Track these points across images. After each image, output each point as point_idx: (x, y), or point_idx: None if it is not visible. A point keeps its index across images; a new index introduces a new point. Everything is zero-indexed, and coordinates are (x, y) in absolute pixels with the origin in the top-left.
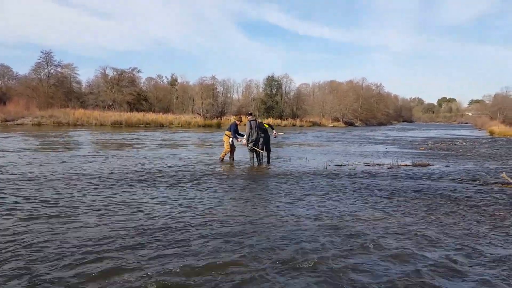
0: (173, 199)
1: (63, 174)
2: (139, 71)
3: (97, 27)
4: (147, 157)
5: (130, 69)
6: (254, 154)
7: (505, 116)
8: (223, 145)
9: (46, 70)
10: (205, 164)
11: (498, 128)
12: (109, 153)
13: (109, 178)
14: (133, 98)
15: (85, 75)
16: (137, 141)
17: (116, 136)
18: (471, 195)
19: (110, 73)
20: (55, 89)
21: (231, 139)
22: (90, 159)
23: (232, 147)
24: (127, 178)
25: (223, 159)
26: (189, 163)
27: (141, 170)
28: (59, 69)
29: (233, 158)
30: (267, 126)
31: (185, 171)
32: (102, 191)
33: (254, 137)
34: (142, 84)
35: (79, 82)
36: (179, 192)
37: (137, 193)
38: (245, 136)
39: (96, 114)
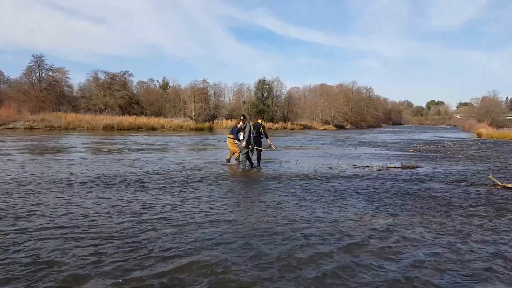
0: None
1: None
2: (130, 75)
3: (88, 32)
4: (142, 160)
5: (122, 73)
6: (247, 158)
7: (493, 119)
8: (228, 148)
9: (38, 74)
10: (194, 167)
11: (486, 130)
12: (108, 156)
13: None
14: (125, 102)
15: (77, 79)
16: (131, 144)
17: (109, 140)
18: (458, 196)
19: (102, 76)
20: (46, 93)
21: (237, 141)
22: (74, 162)
23: (236, 149)
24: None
25: (229, 160)
26: (188, 165)
27: (142, 172)
28: (50, 73)
29: (238, 159)
30: (261, 130)
31: (178, 173)
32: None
33: (251, 138)
34: (133, 88)
35: (70, 86)
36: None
37: (148, 196)
38: (244, 139)
39: (88, 118)
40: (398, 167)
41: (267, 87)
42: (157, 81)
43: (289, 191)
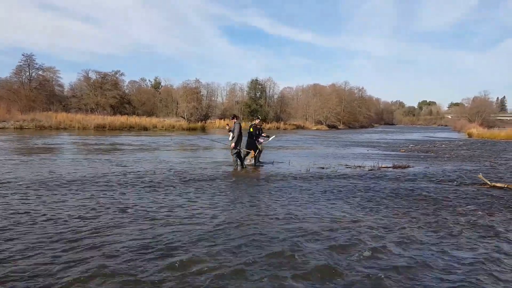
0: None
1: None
2: (122, 74)
3: (79, 31)
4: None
5: (113, 72)
6: (237, 157)
7: (483, 119)
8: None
9: (28, 73)
10: (183, 168)
11: (476, 130)
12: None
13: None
14: (116, 102)
15: (68, 79)
16: (122, 144)
17: (101, 140)
18: (448, 195)
19: (93, 76)
20: (37, 93)
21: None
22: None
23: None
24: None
25: (250, 160)
26: (176, 166)
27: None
28: (40, 72)
29: (258, 159)
30: (251, 130)
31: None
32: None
33: (238, 140)
34: (125, 88)
35: (61, 86)
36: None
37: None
38: (233, 140)
39: (79, 117)
40: (389, 167)
41: (260, 87)
42: (149, 80)
43: (281, 190)
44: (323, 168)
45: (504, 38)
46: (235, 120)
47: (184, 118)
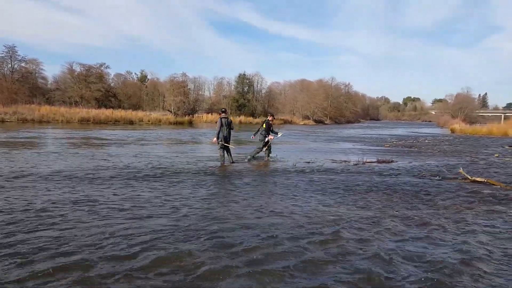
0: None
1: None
2: (107, 67)
3: (63, 22)
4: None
5: (98, 65)
6: (224, 151)
7: (466, 115)
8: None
9: (10, 65)
10: (169, 162)
11: (459, 126)
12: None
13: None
14: (101, 95)
15: (51, 71)
16: (107, 138)
17: (85, 133)
18: (431, 189)
19: (77, 68)
20: (19, 85)
21: (266, 138)
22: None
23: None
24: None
25: (267, 155)
26: (163, 160)
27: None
28: (23, 64)
29: (269, 154)
30: (264, 126)
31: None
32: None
33: (224, 134)
34: (110, 81)
35: (44, 78)
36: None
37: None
38: (215, 133)
39: (62, 110)
40: (374, 162)
41: (247, 81)
42: (135, 73)
43: (267, 185)
44: (309, 162)
45: (486, 36)
46: (222, 115)
47: (171, 112)
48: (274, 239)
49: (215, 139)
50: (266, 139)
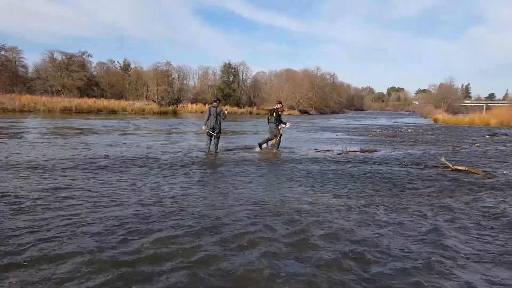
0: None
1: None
2: (89, 55)
3: (44, 11)
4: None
5: (80, 53)
6: (211, 140)
7: (449, 105)
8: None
9: None
10: (153, 152)
11: (442, 116)
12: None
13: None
14: (84, 84)
15: (32, 59)
16: (90, 127)
17: (67, 123)
18: (412, 178)
19: (59, 57)
20: None
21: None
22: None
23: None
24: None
25: (273, 144)
26: (146, 149)
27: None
28: (3, 52)
29: (279, 144)
30: (274, 115)
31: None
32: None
33: (212, 123)
34: (93, 69)
35: (25, 67)
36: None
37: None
38: (204, 121)
39: (44, 100)
40: (357, 151)
41: (232, 70)
42: (118, 62)
43: (251, 174)
44: (293, 152)
45: (470, 27)
46: (213, 104)
47: (154, 101)
48: (255, 226)
49: (204, 127)
50: (280, 128)
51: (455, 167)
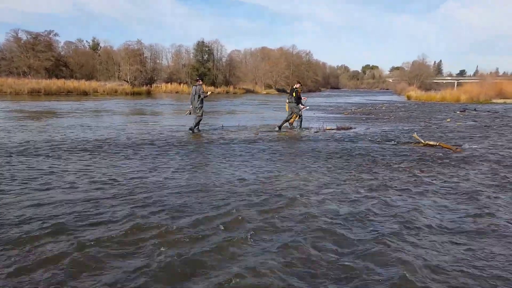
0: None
1: None
2: (56, 35)
3: None
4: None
5: (46, 32)
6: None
7: (421, 82)
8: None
9: None
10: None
11: (415, 93)
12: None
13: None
14: (51, 64)
15: None
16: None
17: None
18: (386, 153)
19: (24, 36)
20: None
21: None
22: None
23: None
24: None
25: (292, 123)
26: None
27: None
28: None
29: (292, 124)
30: (294, 95)
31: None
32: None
33: (193, 102)
34: (60, 49)
35: None
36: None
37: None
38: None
39: (10, 81)
40: (333, 129)
41: (207, 49)
42: (87, 41)
43: (230, 153)
44: (271, 131)
45: (441, 2)
46: (198, 83)
47: (127, 82)
48: (229, 206)
49: (191, 107)
50: (299, 109)
51: (426, 142)
